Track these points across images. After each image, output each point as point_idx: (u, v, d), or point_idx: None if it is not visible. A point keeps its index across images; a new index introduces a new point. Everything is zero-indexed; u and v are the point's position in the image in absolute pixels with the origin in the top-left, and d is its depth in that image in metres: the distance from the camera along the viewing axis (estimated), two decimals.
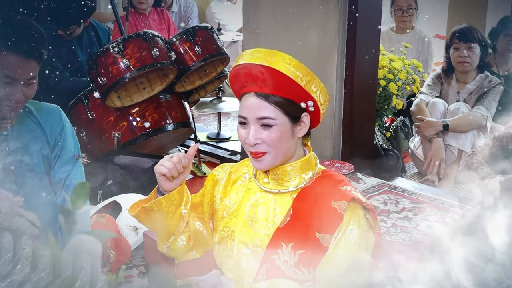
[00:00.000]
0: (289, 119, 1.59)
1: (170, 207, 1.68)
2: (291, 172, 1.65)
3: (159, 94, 3.52)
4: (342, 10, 3.47)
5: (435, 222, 2.95)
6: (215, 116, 4.79)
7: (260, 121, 1.58)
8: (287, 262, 1.58)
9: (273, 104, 1.56)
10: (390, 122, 4.27)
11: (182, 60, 3.53)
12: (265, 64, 1.54)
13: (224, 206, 1.74)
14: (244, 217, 1.68)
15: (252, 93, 1.58)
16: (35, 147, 2.00)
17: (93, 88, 3.37)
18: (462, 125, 3.90)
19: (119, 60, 3.28)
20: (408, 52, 4.51)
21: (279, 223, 1.63)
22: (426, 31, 4.97)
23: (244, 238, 1.67)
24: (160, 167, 1.64)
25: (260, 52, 1.56)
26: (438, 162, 3.89)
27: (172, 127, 3.53)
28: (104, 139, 3.44)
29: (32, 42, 1.85)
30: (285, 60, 1.56)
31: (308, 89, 1.57)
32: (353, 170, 3.50)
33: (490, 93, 3.96)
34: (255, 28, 3.79)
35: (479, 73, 4.03)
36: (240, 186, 1.74)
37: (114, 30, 4.84)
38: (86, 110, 3.44)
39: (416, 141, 4.10)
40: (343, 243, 1.56)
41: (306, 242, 1.58)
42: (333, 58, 3.53)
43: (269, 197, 1.67)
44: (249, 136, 1.59)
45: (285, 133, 1.59)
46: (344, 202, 1.57)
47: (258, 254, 1.64)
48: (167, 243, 1.76)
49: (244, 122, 1.61)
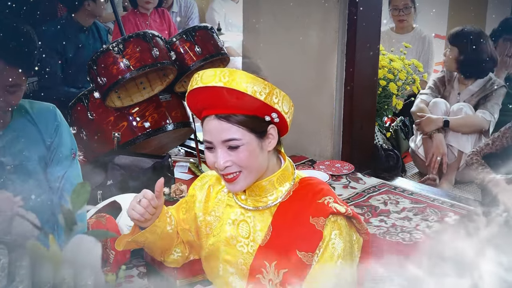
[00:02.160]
0: (255, 136, 1.53)
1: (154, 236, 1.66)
2: (267, 187, 1.60)
3: (159, 94, 3.52)
4: (342, 10, 3.47)
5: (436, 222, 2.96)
6: None
7: (226, 144, 1.52)
8: (272, 281, 1.55)
9: (236, 124, 1.51)
10: (390, 122, 4.27)
11: (182, 60, 3.53)
12: (220, 85, 1.47)
13: (206, 223, 1.71)
14: (226, 236, 1.65)
15: (213, 115, 1.52)
16: (31, 146, 2.00)
17: (93, 88, 3.37)
18: (464, 125, 3.88)
19: (119, 60, 3.28)
20: (408, 52, 4.51)
21: (261, 241, 1.59)
22: (427, 31, 4.97)
23: (228, 257, 1.65)
24: (131, 212, 1.61)
25: (213, 73, 1.49)
26: (440, 157, 3.87)
27: (172, 127, 3.52)
28: (104, 139, 3.44)
29: (16, 49, 1.83)
30: (240, 77, 1.48)
31: (269, 102, 1.50)
32: (353, 170, 3.50)
33: (493, 96, 3.93)
34: (255, 28, 3.79)
35: (480, 78, 3.99)
36: (220, 202, 1.70)
37: (114, 30, 4.84)
38: (86, 110, 3.44)
39: (418, 140, 4.09)
40: (327, 257, 1.53)
41: (289, 261, 1.54)
42: (333, 58, 3.53)
43: (248, 214, 1.63)
44: (217, 160, 1.54)
45: (254, 151, 1.53)
46: (322, 219, 1.53)
47: (244, 273, 1.61)
48: (162, 257, 1.76)
49: (210, 146, 1.56)
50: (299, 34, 3.57)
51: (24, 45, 1.85)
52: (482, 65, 3.93)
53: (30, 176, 1.98)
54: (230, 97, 1.48)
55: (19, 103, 1.96)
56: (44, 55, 3.88)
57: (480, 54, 3.90)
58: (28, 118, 2.03)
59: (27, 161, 1.99)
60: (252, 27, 3.81)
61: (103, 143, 3.43)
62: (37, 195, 1.95)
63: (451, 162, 3.91)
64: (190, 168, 3.87)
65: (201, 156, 3.93)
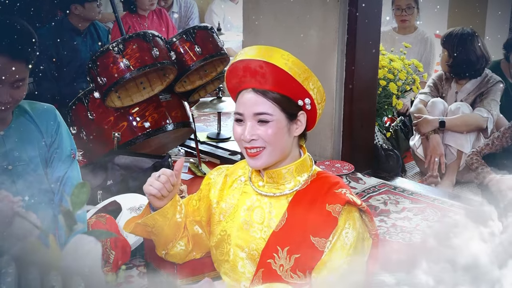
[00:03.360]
0: (286, 116, 1.58)
1: (164, 220, 1.68)
2: (286, 175, 1.64)
3: (159, 94, 3.52)
4: (342, 10, 3.47)
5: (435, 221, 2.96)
6: (215, 116, 4.79)
7: (257, 117, 1.57)
8: (283, 267, 1.57)
9: (270, 100, 1.56)
10: (390, 122, 4.27)
11: (182, 60, 3.53)
12: (263, 59, 1.54)
13: (221, 210, 1.73)
14: (240, 221, 1.67)
15: (250, 89, 1.58)
16: (32, 146, 2.01)
17: (93, 88, 3.37)
18: (459, 125, 3.88)
19: (119, 60, 3.28)
20: (410, 52, 4.51)
21: (275, 227, 1.62)
22: (428, 31, 4.97)
23: (240, 242, 1.66)
24: (148, 187, 1.63)
25: (259, 49, 1.57)
26: (438, 158, 3.88)
27: (172, 127, 3.52)
28: (104, 139, 3.44)
29: (20, 43, 1.84)
30: (283, 56, 1.56)
31: (306, 86, 1.57)
32: (353, 170, 3.51)
33: (489, 93, 3.93)
34: (255, 28, 3.79)
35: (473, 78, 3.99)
36: (236, 189, 1.73)
37: (114, 30, 4.83)
38: (86, 110, 3.44)
39: (416, 140, 4.09)
40: (338, 247, 1.55)
41: (301, 246, 1.57)
42: (333, 58, 3.53)
43: (264, 200, 1.66)
44: (245, 132, 1.58)
45: (281, 130, 1.58)
46: (339, 206, 1.56)
47: (254, 258, 1.63)
48: (165, 250, 1.76)
49: (240, 119, 1.61)
50: (299, 34, 3.57)
51: (25, 38, 1.86)
52: (473, 66, 3.92)
53: (31, 176, 1.98)
54: (271, 72, 1.54)
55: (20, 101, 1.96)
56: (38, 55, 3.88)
57: (469, 55, 3.90)
58: (28, 118, 2.03)
59: (29, 161, 1.99)
60: (252, 27, 3.81)
61: (103, 143, 3.43)
62: (39, 195, 1.95)
63: (451, 162, 3.91)
64: (190, 168, 3.87)
65: (201, 156, 3.93)
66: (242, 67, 1.59)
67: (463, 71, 3.95)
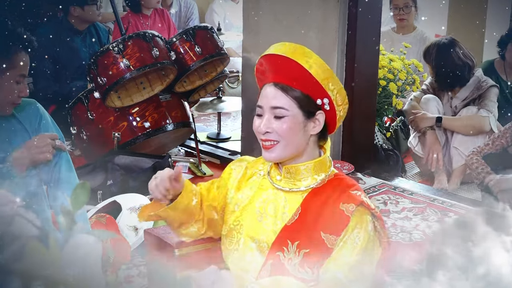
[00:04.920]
0: (303, 114, 1.61)
1: (177, 211, 1.70)
2: (304, 172, 1.66)
3: (159, 94, 3.52)
4: (342, 10, 3.47)
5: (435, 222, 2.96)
6: (215, 116, 4.79)
7: (273, 111, 1.61)
8: (292, 260, 1.59)
9: (289, 96, 1.59)
10: (390, 122, 4.26)
11: (182, 60, 3.53)
12: (286, 55, 1.59)
13: (236, 200, 1.75)
14: (254, 212, 1.70)
15: (271, 83, 1.62)
16: (18, 143, 2.02)
17: (93, 88, 3.37)
18: (460, 125, 3.84)
19: (119, 60, 3.28)
20: (410, 52, 4.50)
21: (287, 220, 1.64)
22: (428, 32, 4.97)
23: (252, 232, 1.68)
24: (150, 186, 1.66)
25: (284, 45, 1.62)
26: (436, 154, 3.86)
27: (172, 127, 3.53)
28: (104, 139, 3.44)
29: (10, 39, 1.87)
30: (306, 53, 1.60)
31: (325, 86, 1.59)
32: (353, 170, 3.50)
33: (485, 96, 3.87)
34: (255, 28, 3.79)
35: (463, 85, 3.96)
36: (254, 182, 1.75)
37: (114, 30, 4.83)
38: (86, 110, 3.44)
39: (413, 138, 4.06)
40: (349, 245, 1.56)
41: (311, 241, 1.58)
42: (333, 58, 3.53)
43: (280, 194, 1.68)
44: (261, 124, 1.62)
45: (296, 126, 1.60)
46: (352, 205, 1.57)
47: (264, 249, 1.65)
48: (178, 230, 1.78)
49: (260, 113, 1.64)
50: (299, 33, 3.57)
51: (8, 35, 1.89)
52: (457, 74, 3.87)
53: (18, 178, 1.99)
54: (292, 68, 1.59)
55: None
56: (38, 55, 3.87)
57: (450, 65, 3.86)
58: (13, 117, 2.05)
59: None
60: (252, 26, 3.81)
61: (103, 143, 3.43)
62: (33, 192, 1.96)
63: (458, 166, 3.85)
64: (190, 168, 3.87)
65: (201, 156, 3.93)
66: (266, 62, 1.64)
67: (449, 81, 3.92)
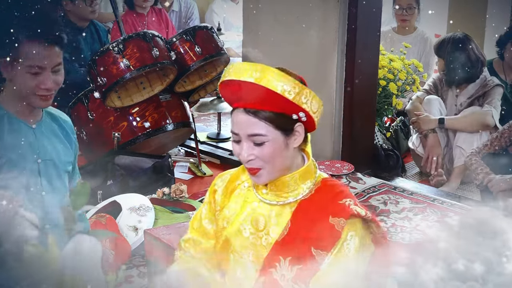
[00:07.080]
0: (281, 133, 1.54)
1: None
2: (290, 183, 1.61)
3: (159, 94, 3.52)
4: (342, 10, 3.47)
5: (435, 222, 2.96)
6: (215, 116, 4.79)
7: (251, 138, 1.54)
8: (285, 276, 1.56)
9: (263, 120, 1.51)
10: (390, 122, 4.26)
11: (182, 60, 3.53)
12: (250, 80, 1.49)
13: (224, 217, 1.71)
14: (240, 227, 1.66)
15: (241, 109, 1.53)
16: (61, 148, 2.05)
17: (93, 88, 3.38)
18: (462, 122, 3.84)
19: (119, 60, 3.28)
20: (410, 52, 4.50)
21: (277, 236, 1.60)
22: (428, 32, 4.97)
23: (240, 248, 1.65)
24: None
25: (245, 67, 1.51)
26: (436, 157, 3.86)
27: (172, 127, 3.53)
28: (104, 139, 3.44)
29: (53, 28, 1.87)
30: (271, 74, 1.49)
31: (298, 102, 1.51)
32: (353, 170, 3.50)
33: (489, 95, 3.89)
34: (255, 28, 3.79)
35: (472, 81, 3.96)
36: (239, 196, 1.71)
37: (113, 29, 4.83)
38: (86, 110, 3.44)
39: (415, 139, 4.07)
40: (339, 258, 1.54)
41: (303, 257, 1.55)
42: (333, 58, 3.53)
43: (267, 208, 1.64)
44: (242, 152, 1.56)
45: (278, 148, 1.54)
46: (343, 220, 1.53)
47: (254, 265, 1.62)
48: None
49: (237, 139, 1.58)
50: (299, 34, 3.57)
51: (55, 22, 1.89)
52: (469, 70, 3.87)
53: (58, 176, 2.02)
54: (259, 93, 1.49)
55: None
56: None
57: (464, 60, 3.85)
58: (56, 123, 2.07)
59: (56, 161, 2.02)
60: (252, 26, 3.82)
61: (103, 143, 3.43)
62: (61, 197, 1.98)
63: (460, 164, 3.84)
64: (190, 168, 3.88)
65: (201, 156, 3.93)
66: (230, 88, 1.54)
67: (460, 76, 3.92)
